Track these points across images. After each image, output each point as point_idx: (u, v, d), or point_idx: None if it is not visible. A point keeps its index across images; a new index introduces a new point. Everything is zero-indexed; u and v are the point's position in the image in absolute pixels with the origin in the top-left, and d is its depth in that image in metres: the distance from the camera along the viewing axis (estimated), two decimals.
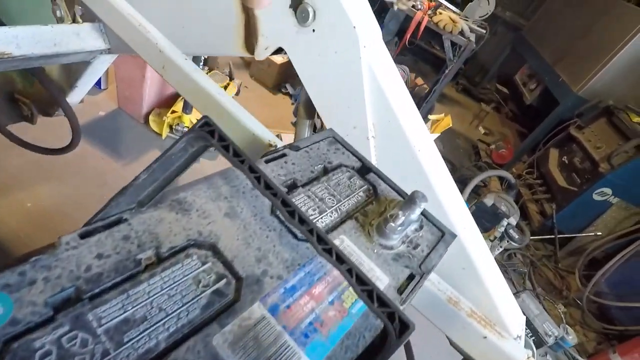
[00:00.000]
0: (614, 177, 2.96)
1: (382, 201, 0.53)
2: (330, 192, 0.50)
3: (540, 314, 2.59)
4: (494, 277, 0.76)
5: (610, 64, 3.35)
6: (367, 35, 0.67)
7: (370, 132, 0.72)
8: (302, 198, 0.47)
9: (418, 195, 0.48)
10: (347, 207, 0.49)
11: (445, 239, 0.52)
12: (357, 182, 0.54)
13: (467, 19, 3.67)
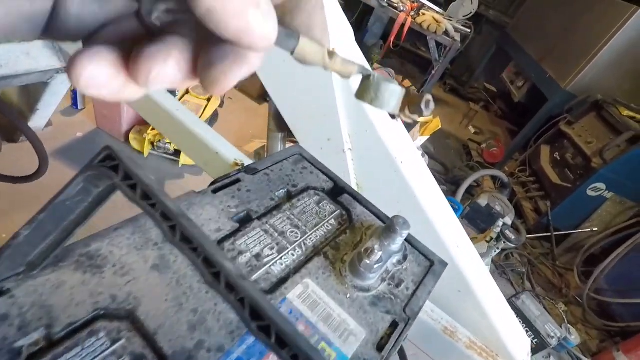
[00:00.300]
0: (607, 171, 2.91)
1: (358, 229, 0.45)
2: (293, 223, 0.42)
3: (541, 315, 2.52)
4: (493, 298, 0.68)
5: (597, 59, 3.33)
6: (335, 37, 0.59)
7: (346, 144, 0.64)
8: (257, 234, 0.39)
9: (398, 222, 0.40)
10: (314, 241, 0.41)
11: (434, 269, 0.44)
12: (327, 207, 0.46)
13: (450, 19, 3.63)
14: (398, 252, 0.42)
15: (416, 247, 0.46)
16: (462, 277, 0.65)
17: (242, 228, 0.39)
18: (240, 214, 0.40)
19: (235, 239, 0.37)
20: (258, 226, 0.40)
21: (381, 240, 0.41)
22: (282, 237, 0.40)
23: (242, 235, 0.38)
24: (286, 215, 0.42)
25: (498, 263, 3.13)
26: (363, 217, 0.47)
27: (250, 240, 0.38)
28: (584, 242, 3.18)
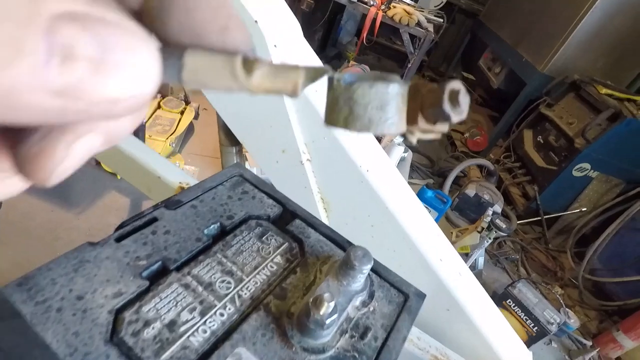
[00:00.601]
0: (590, 151, 2.89)
1: (312, 264, 0.36)
2: (225, 269, 0.33)
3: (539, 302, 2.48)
4: (486, 312, 0.60)
5: (570, 39, 3.31)
6: (277, 31, 0.50)
7: (303, 154, 0.55)
8: (173, 293, 0.30)
9: (356, 256, 0.32)
10: (252, 290, 0.32)
11: (409, 305, 0.36)
12: (272, 240, 0.37)
13: (422, 10, 3.58)
14: (361, 291, 0.33)
15: (385, 277, 0.37)
16: (450, 294, 0.57)
17: (153, 286, 0.30)
18: (151, 267, 0.31)
19: (142, 304, 0.28)
20: (175, 280, 0.31)
21: (338, 280, 0.33)
22: (209, 292, 0.31)
23: (153, 296, 0.29)
24: (216, 259, 0.33)
25: (491, 252, 3.09)
26: (318, 247, 0.38)
27: (163, 303, 0.29)
28: (574, 223, 3.16)
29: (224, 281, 0.32)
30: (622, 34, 3.24)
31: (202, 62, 0.17)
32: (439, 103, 0.17)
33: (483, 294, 0.61)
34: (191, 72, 0.17)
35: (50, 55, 0.12)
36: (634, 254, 2.68)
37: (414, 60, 3.29)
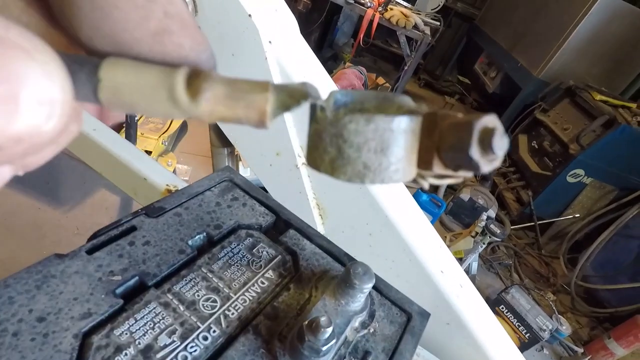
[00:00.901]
0: (584, 157, 2.90)
1: (307, 280, 0.33)
2: (211, 286, 0.29)
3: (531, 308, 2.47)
4: (487, 325, 0.58)
5: (565, 45, 3.33)
6: (272, 26, 0.47)
7: (298, 158, 0.52)
8: (151, 313, 0.26)
9: (356, 274, 0.28)
10: (240, 310, 0.29)
11: (412, 326, 0.33)
12: (264, 252, 0.34)
13: (419, 13, 3.57)
14: (361, 311, 0.30)
15: (386, 295, 0.34)
16: (450, 308, 0.54)
17: (127, 305, 0.26)
18: (127, 283, 0.27)
19: (114, 326, 0.25)
20: (154, 298, 0.27)
21: (336, 299, 0.30)
22: (191, 312, 0.27)
23: (127, 317, 0.25)
24: (201, 274, 0.30)
25: (485, 257, 3.08)
26: (314, 260, 0.35)
27: (138, 325, 0.25)
28: (567, 229, 3.17)
29: (209, 299, 0.28)
30: (617, 41, 3.26)
31: (126, 78, 0.13)
32: (464, 146, 0.12)
33: (484, 306, 0.58)
34: (111, 90, 0.13)
35: None
36: (626, 261, 2.68)
37: (411, 63, 3.27)
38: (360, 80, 3.30)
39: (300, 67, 0.49)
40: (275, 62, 0.47)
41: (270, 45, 0.46)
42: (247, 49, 0.47)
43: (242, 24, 0.46)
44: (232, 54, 0.48)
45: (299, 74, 0.48)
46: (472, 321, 0.55)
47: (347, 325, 0.29)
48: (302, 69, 0.49)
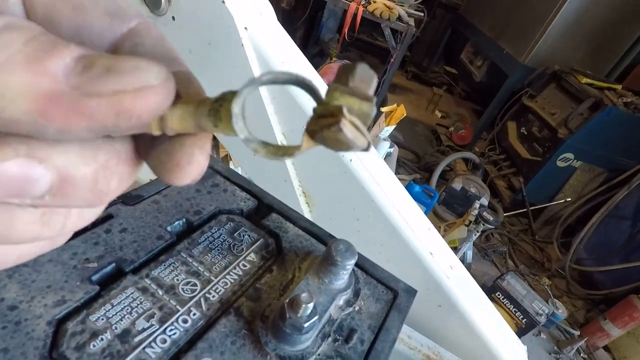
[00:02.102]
0: (573, 141, 2.92)
1: (290, 262, 0.32)
2: (191, 270, 0.29)
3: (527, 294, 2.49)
4: (479, 307, 0.58)
5: (549, 30, 3.35)
6: (247, 12, 0.46)
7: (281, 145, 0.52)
8: (128, 298, 0.26)
9: (338, 250, 0.28)
10: (222, 292, 0.28)
11: (399, 303, 0.32)
12: (245, 236, 0.33)
13: (402, 5, 3.57)
14: (345, 289, 0.30)
15: (371, 273, 0.34)
16: (441, 289, 0.54)
17: (104, 292, 0.26)
18: (103, 269, 0.27)
19: (89, 312, 0.24)
20: (131, 284, 0.27)
21: (319, 277, 0.29)
22: (170, 296, 0.27)
23: (103, 303, 0.25)
24: (180, 259, 0.29)
25: (479, 245, 3.09)
26: (297, 242, 0.34)
27: (114, 310, 0.25)
28: (559, 214, 3.19)
29: (189, 283, 0.28)
30: (599, 23, 3.29)
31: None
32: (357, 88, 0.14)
33: (476, 288, 0.58)
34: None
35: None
36: (619, 242, 2.71)
37: (396, 55, 3.27)
38: None
39: (278, 52, 0.48)
40: (251, 49, 0.47)
41: (246, 32, 0.46)
42: (222, 37, 0.46)
43: (217, 11, 0.45)
44: (209, 43, 0.48)
45: (277, 59, 0.47)
46: (463, 302, 0.55)
47: (330, 303, 0.28)
48: (280, 54, 0.48)
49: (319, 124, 0.14)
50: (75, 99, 0.12)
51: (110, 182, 0.14)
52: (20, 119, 0.12)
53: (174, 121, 0.14)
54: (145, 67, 0.13)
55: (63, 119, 0.12)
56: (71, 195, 0.13)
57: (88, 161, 0.13)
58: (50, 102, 0.12)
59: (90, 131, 0.13)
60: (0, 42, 0.12)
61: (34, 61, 0.12)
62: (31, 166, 0.12)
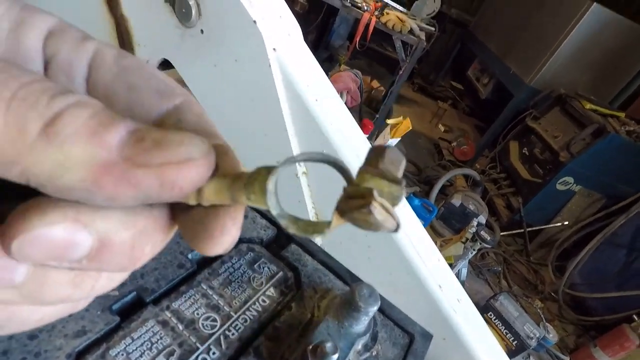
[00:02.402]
0: (574, 165, 2.93)
1: (308, 298, 0.32)
2: (211, 304, 0.28)
3: (520, 316, 2.49)
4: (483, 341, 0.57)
5: (557, 53, 3.37)
6: (276, 33, 0.46)
7: (299, 167, 0.52)
8: (149, 331, 0.25)
9: (361, 295, 0.28)
10: (241, 330, 0.28)
11: (415, 349, 0.32)
12: (265, 268, 0.33)
13: (414, 18, 3.58)
14: (364, 333, 0.29)
15: (388, 315, 0.34)
16: (447, 323, 0.53)
17: (124, 323, 0.25)
18: (124, 299, 0.26)
19: (110, 346, 0.24)
20: (152, 316, 0.26)
21: (339, 320, 0.29)
22: (190, 331, 0.26)
23: (123, 336, 0.24)
24: (200, 290, 0.29)
25: (474, 263, 3.09)
26: (316, 277, 0.34)
27: (135, 345, 0.24)
28: (556, 237, 3.20)
29: (209, 318, 0.27)
30: (606, 51, 3.31)
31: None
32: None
33: (481, 323, 0.58)
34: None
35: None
36: (613, 270, 2.72)
37: (405, 67, 3.28)
38: (355, 83, 3.30)
39: (304, 75, 0.48)
40: (278, 70, 0.46)
41: (274, 52, 0.45)
42: (250, 55, 0.46)
43: (247, 30, 0.45)
44: (235, 60, 0.47)
45: (302, 83, 0.47)
46: (468, 337, 0.55)
47: (350, 348, 0.28)
48: (306, 77, 0.48)
49: (349, 204, 0.15)
50: (126, 169, 0.13)
51: (145, 248, 0.15)
52: (75, 186, 0.12)
53: (210, 193, 0.15)
54: (190, 142, 0.14)
55: (113, 187, 0.13)
56: (107, 259, 0.14)
57: (127, 226, 0.14)
58: (104, 171, 0.13)
59: (134, 199, 0.13)
60: (71, 116, 0.13)
61: (95, 134, 0.13)
62: (76, 231, 0.13)
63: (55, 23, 0.17)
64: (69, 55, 0.17)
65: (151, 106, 0.17)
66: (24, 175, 0.12)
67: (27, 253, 0.13)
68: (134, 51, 0.56)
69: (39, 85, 0.13)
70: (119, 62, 0.18)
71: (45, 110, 0.12)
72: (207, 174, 0.14)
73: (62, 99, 0.13)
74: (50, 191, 0.13)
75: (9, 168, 0.12)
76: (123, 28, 0.56)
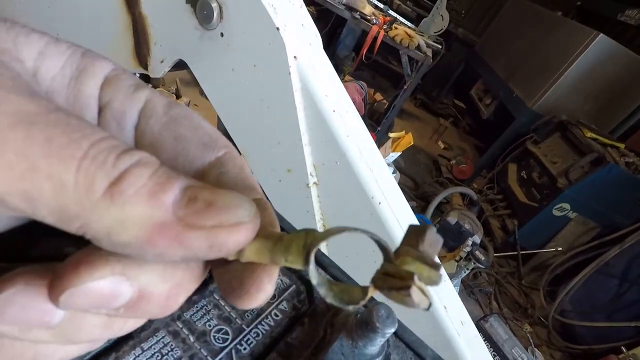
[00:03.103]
0: (571, 192, 2.95)
1: (321, 315, 0.31)
2: (223, 316, 0.27)
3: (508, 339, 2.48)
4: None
5: (561, 80, 3.41)
6: (298, 41, 0.46)
7: (310, 177, 0.51)
8: (160, 342, 0.24)
9: (379, 317, 0.27)
10: (253, 344, 0.27)
11: None
12: (278, 280, 0.32)
13: (422, 34, 3.62)
14: (377, 356, 0.28)
15: (401, 337, 0.33)
16: (450, 346, 0.52)
17: (134, 333, 0.24)
18: None
19: (119, 356, 0.23)
20: (162, 326, 0.25)
21: (353, 340, 0.28)
22: (201, 344, 0.25)
23: (133, 346, 0.23)
24: (212, 301, 0.28)
25: (466, 282, 3.09)
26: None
27: (145, 356, 0.23)
28: (549, 262, 3.20)
29: (221, 331, 0.26)
30: (610, 81, 3.35)
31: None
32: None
33: (483, 348, 0.57)
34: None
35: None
36: (604, 300, 2.72)
37: (410, 82, 3.30)
38: (360, 95, 3.31)
39: (323, 85, 0.47)
40: (298, 78, 0.46)
41: (295, 61, 0.45)
42: (270, 62, 0.46)
43: (269, 36, 0.44)
44: (254, 65, 0.47)
45: (321, 93, 0.47)
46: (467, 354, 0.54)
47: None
48: (325, 87, 0.47)
49: (387, 282, 0.15)
50: (179, 230, 0.13)
51: (179, 299, 0.15)
52: (129, 243, 0.13)
53: (252, 254, 0.16)
54: (239, 204, 0.14)
55: (164, 247, 0.13)
56: (143, 308, 0.14)
57: (166, 279, 0.14)
58: (159, 231, 0.13)
59: (182, 258, 0.14)
60: (134, 176, 0.13)
61: (153, 195, 0.13)
62: (121, 283, 0.13)
63: (111, 69, 0.18)
64: (122, 104, 0.18)
65: (195, 157, 0.18)
66: (82, 229, 0.13)
67: (72, 303, 0.13)
68: (150, 50, 0.56)
69: (106, 143, 0.13)
70: (168, 112, 0.18)
71: (112, 169, 0.13)
72: (252, 236, 0.15)
73: (127, 158, 0.13)
74: (104, 245, 0.13)
75: (70, 222, 0.13)
76: (140, 26, 0.55)
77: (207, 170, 0.18)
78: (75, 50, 0.17)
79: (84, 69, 0.17)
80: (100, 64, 0.18)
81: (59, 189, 0.12)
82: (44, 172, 0.12)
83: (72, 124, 0.13)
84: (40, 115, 0.12)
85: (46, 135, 0.12)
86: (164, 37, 0.53)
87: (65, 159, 0.12)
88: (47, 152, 0.12)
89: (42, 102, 0.13)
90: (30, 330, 0.14)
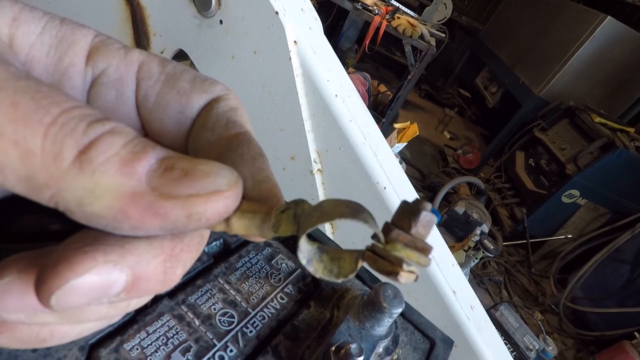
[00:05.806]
0: (580, 178, 2.91)
1: (327, 298, 0.31)
2: (228, 299, 0.27)
3: (519, 327, 2.47)
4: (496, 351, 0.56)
5: (568, 65, 3.35)
6: (298, 26, 0.45)
7: (314, 164, 0.50)
8: (164, 326, 0.24)
9: (385, 296, 0.27)
10: (259, 327, 0.27)
11: (436, 353, 0.31)
12: (283, 264, 0.32)
13: (425, 24, 3.57)
14: (385, 336, 0.28)
15: (409, 318, 0.32)
16: (460, 330, 0.52)
17: (139, 316, 0.24)
18: None
19: (124, 339, 0.23)
20: (167, 310, 0.25)
21: (360, 321, 0.28)
22: (207, 327, 0.25)
23: (138, 330, 0.23)
24: (217, 285, 0.28)
25: (475, 272, 3.07)
26: None
27: (150, 339, 0.23)
28: (559, 249, 3.17)
29: (226, 314, 0.26)
30: (618, 65, 3.29)
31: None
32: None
33: (493, 332, 0.56)
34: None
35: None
36: (616, 286, 2.69)
37: (414, 73, 3.27)
38: (364, 86, 3.29)
39: (324, 70, 0.47)
40: (298, 63, 0.45)
41: (295, 46, 0.44)
42: (270, 48, 0.45)
43: (268, 22, 0.44)
44: (254, 52, 0.46)
45: (322, 77, 0.46)
46: (480, 345, 0.53)
47: (371, 351, 0.27)
48: (326, 72, 0.47)
49: (377, 264, 0.15)
50: (153, 199, 0.13)
51: (177, 270, 0.15)
52: (101, 214, 0.13)
53: (240, 229, 0.15)
54: (218, 172, 0.14)
55: (139, 217, 0.13)
56: (143, 288, 0.14)
57: (156, 254, 0.14)
58: (132, 201, 0.13)
59: (161, 229, 0.13)
60: (105, 144, 0.13)
61: (125, 163, 0.13)
62: (109, 272, 0.13)
63: (94, 36, 0.18)
64: (118, 70, 0.18)
65: (199, 105, 0.18)
66: (54, 199, 0.12)
67: (67, 303, 0.13)
68: (149, 41, 0.55)
69: (78, 111, 0.13)
70: (164, 70, 0.18)
71: (81, 137, 0.12)
72: (233, 205, 0.15)
73: (98, 127, 0.13)
74: (77, 217, 0.13)
75: (40, 192, 0.12)
76: (139, 17, 0.55)
77: (202, 114, 0.18)
78: (53, 17, 0.17)
79: (64, 37, 0.17)
80: (81, 31, 0.17)
81: (26, 155, 0.12)
82: (9, 137, 0.12)
83: (43, 91, 0.12)
84: (8, 80, 0.12)
85: (12, 100, 0.12)
86: (162, 27, 0.53)
87: (33, 125, 0.12)
88: (12, 117, 0.12)
89: (11, 68, 0.13)
90: (35, 315, 0.14)
